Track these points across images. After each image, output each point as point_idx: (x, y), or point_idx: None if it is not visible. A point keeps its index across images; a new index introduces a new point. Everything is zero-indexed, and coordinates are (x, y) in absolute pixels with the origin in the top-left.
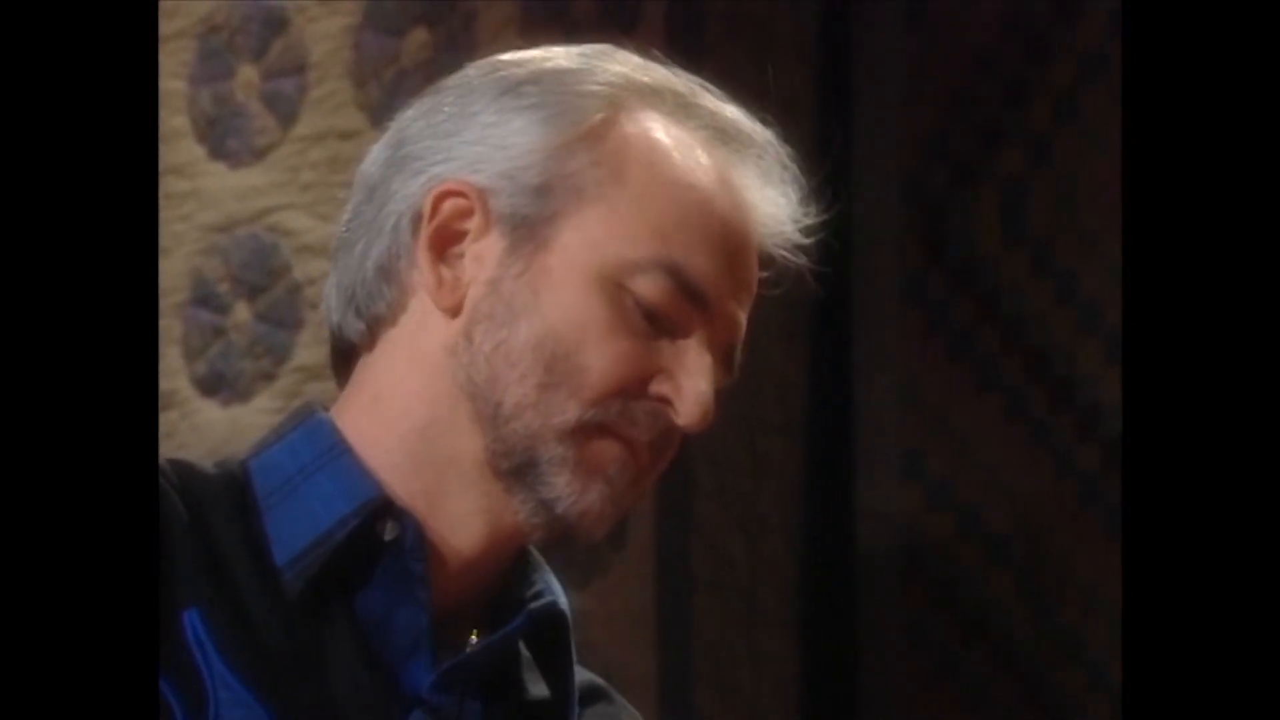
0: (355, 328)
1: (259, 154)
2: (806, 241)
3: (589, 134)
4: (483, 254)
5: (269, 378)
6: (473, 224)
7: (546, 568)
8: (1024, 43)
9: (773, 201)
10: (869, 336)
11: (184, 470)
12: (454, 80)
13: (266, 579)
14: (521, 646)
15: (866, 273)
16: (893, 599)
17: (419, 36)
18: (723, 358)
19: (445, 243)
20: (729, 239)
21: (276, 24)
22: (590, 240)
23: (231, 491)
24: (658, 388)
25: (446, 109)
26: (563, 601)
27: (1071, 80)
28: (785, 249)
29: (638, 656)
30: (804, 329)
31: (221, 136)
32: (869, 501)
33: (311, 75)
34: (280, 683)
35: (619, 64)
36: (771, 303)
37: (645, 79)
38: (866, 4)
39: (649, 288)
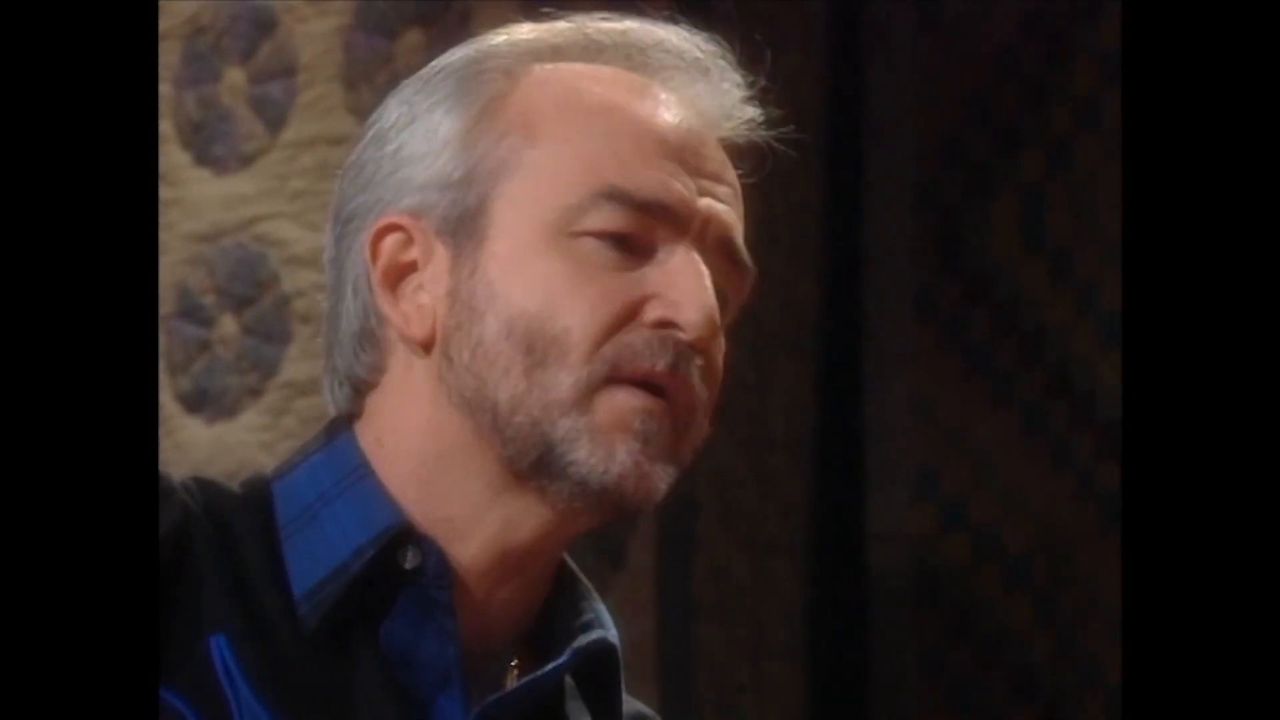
0: (343, 395)
1: (246, 160)
2: (760, 121)
3: (487, 109)
4: (436, 273)
5: (256, 393)
6: (417, 251)
7: (595, 595)
8: (1043, 43)
9: (711, 95)
10: (880, 349)
11: (209, 489)
12: (367, 125)
13: (289, 610)
14: (567, 677)
15: (878, 282)
16: (905, 624)
17: (412, 38)
18: (724, 255)
19: (397, 279)
20: (671, 141)
21: (265, 25)
22: (524, 208)
23: (256, 515)
24: (651, 313)
25: (365, 157)
26: (613, 635)
27: (1092, 81)
28: (744, 135)
29: (637, 684)
30: (812, 341)
31: (207, 142)
32: (880, 522)
33: (301, 78)
34: (307, 716)
35: (524, 34)
36: (778, 313)
37: (551, 40)
38: (878, 4)
39: (601, 221)
